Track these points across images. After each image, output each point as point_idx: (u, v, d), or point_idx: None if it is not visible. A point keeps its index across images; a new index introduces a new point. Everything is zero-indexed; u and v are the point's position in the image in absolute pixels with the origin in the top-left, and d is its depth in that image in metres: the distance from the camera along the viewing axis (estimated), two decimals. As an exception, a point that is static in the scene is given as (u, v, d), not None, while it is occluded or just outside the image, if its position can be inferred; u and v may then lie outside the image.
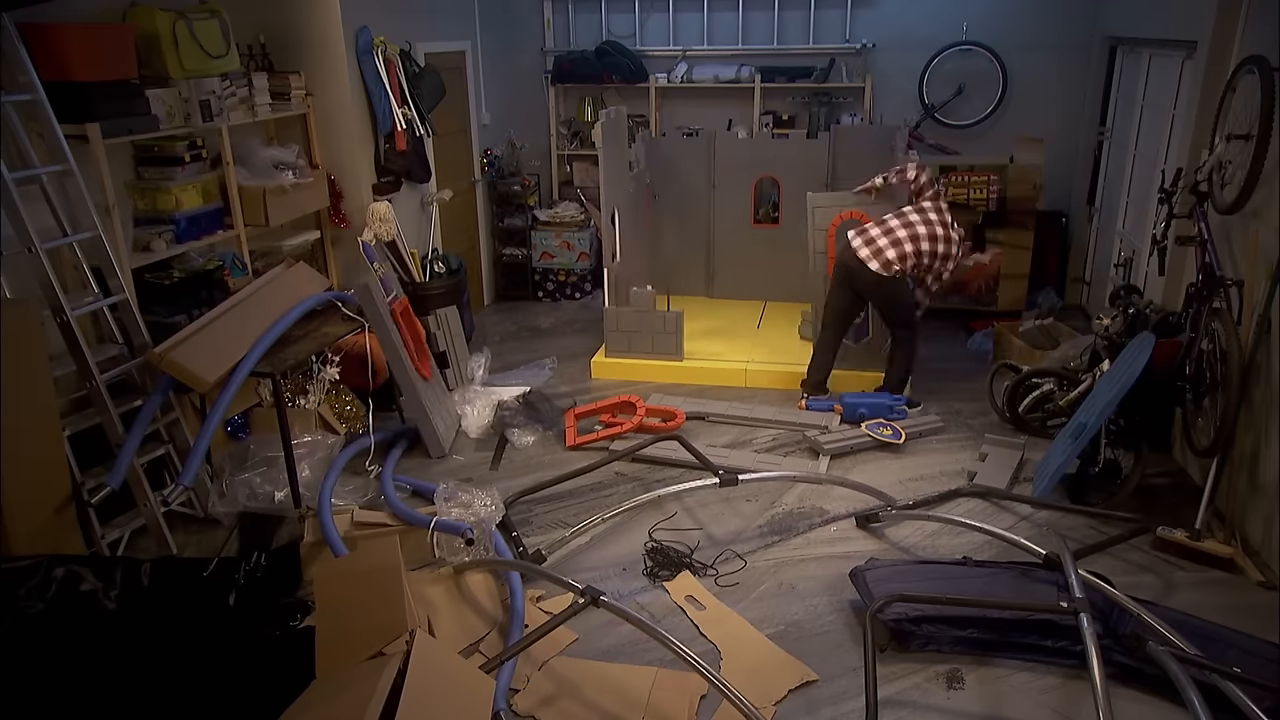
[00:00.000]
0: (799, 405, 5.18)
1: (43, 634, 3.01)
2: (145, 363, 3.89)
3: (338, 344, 4.74)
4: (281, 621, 3.30)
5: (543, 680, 3.11)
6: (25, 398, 3.32)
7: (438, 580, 3.60)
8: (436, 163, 6.26)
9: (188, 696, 2.89)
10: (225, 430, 4.57)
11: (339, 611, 2.79)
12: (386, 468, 4.38)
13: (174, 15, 4.12)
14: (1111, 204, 6.35)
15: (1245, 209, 3.78)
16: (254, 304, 4.33)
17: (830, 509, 4.22)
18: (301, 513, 3.96)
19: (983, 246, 6.30)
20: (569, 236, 7.25)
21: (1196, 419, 4.07)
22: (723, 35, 7.46)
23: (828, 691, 3.07)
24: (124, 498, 3.73)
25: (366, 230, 5.40)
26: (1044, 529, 3.99)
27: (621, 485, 4.47)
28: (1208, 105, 4.30)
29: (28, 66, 3.49)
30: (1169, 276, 4.65)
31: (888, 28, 7.06)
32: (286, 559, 3.60)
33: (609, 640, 3.32)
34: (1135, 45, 6.02)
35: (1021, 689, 3.07)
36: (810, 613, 3.49)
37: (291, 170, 4.96)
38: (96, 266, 3.80)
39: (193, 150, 4.36)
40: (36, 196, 3.61)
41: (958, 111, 7.11)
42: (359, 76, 5.40)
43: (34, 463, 3.37)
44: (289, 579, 3.55)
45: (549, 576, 3.39)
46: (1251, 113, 3.68)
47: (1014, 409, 4.96)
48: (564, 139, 7.84)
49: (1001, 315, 6.41)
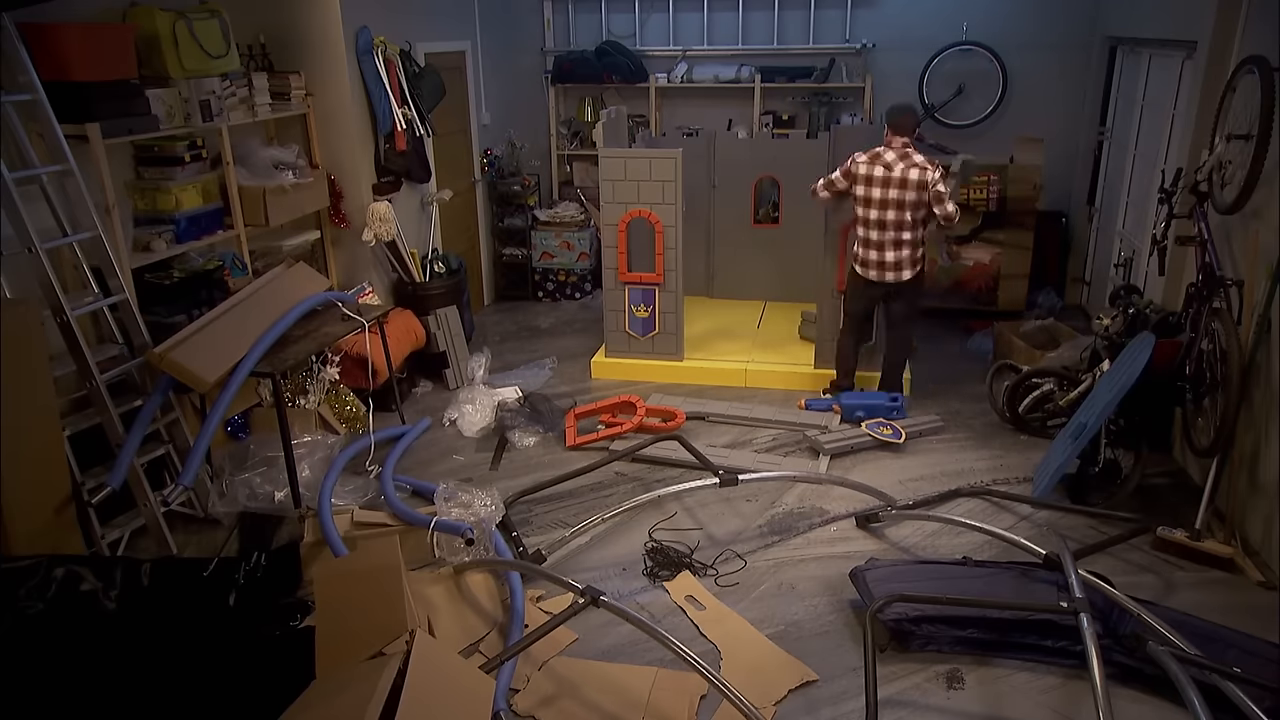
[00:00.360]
0: (798, 405, 5.18)
1: (43, 634, 3.01)
2: (145, 363, 3.89)
3: (338, 344, 4.75)
4: (281, 621, 3.30)
5: (543, 680, 3.11)
6: (25, 398, 3.32)
7: (438, 580, 3.60)
8: (436, 163, 6.26)
9: (188, 696, 2.89)
10: (225, 430, 4.57)
11: (339, 611, 2.79)
12: (386, 468, 4.38)
13: (174, 15, 4.12)
14: (1111, 204, 6.35)
15: (1245, 209, 3.78)
16: (254, 304, 4.33)
17: (830, 509, 4.22)
18: (301, 513, 3.96)
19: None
20: (569, 236, 7.25)
21: (1196, 419, 4.07)
22: (723, 35, 7.46)
23: (828, 691, 3.07)
24: (124, 498, 3.73)
25: (366, 230, 5.41)
26: (1044, 529, 3.99)
27: (621, 485, 4.46)
28: (1208, 105, 4.30)
29: (28, 66, 3.49)
30: (1169, 276, 4.65)
31: (888, 28, 7.06)
32: (286, 559, 3.60)
33: (609, 640, 3.32)
34: (1135, 45, 6.02)
35: (1021, 689, 3.07)
36: (810, 613, 3.49)
37: (291, 170, 4.96)
38: (96, 266, 3.80)
39: (193, 150, 4.36)
40: (36, 196, 3.61)
41: (958, 111, 7.11)
42: (359, 76, 5.40)
43: (34, 463, 3.37)
44: (289, 579, 3.55)
45: (549, 576, 3.39)
46: (1251, 113, 3.68)
47: (1014, 409, 4.96)
48: (564, 139, 7.85)
49: (1001, 315, 6.41)
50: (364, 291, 5.52)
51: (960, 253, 6.57)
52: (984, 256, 6.55)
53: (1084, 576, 3.22)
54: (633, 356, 5.75)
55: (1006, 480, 4.44)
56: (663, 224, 5.39)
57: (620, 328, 5.75)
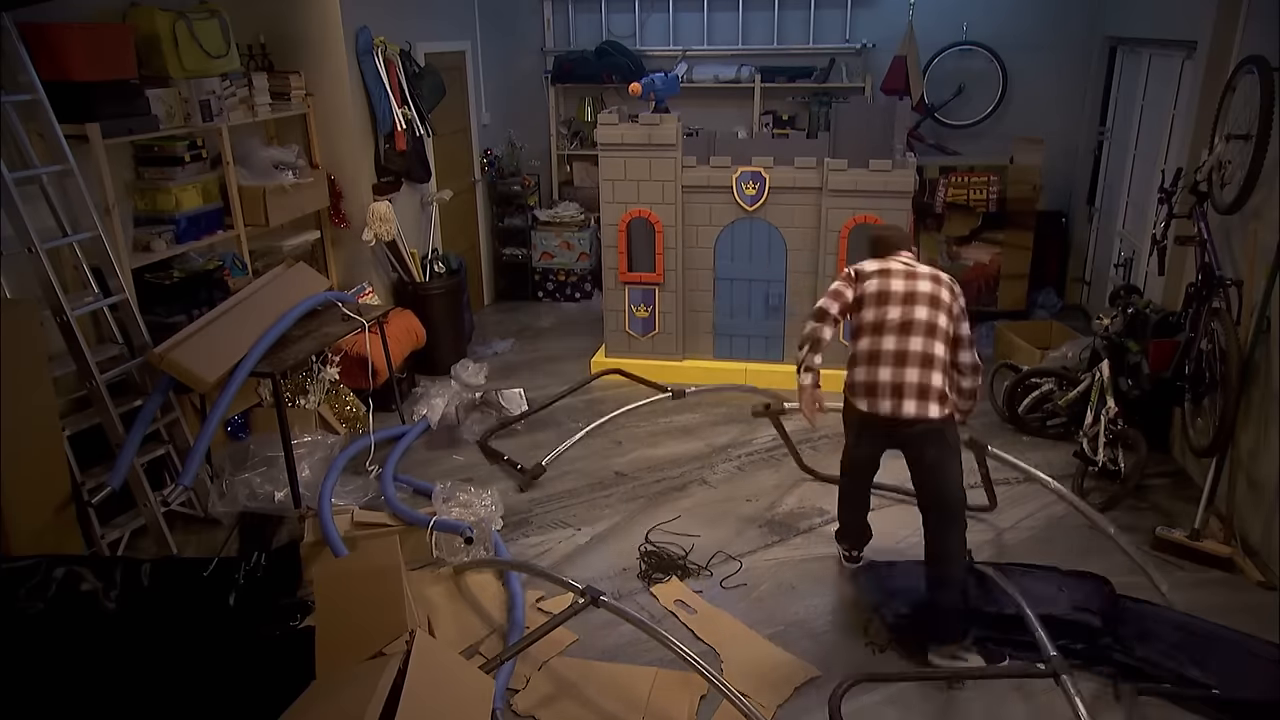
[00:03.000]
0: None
1: (43, 634, 3.01)
2: (145, 363, 3.89)
3: (338, 344, 4.75)
4: (281, 621, 3.30)
5: (542, 680, 3.11)
6: (25, 398, 3.32)
7: (438, 580, 3.60)
8: (436, 163, 6.27)
9: (188, 697, 2.89)
10: (225, 430, 4.57)
11: (339, 611, 2.79)
12: (387, 468, 4.38)
13: (174, 15, 4.12)
14: (1111, 204, 6.35)
15: (1245, 209, 3.78)
16: (254, 304, 4.33)
17: (830, 509, 4.21)
18: (302, 513, 3.96)
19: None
20: (569, 236, 7.25)
21: (1196, 419, 4.07)
22: (723, 35, 7.46)
23: (828, 691, 3.06)
24: (124, 498, 3.73)
25: (366, 230, 5.41)
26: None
27: (620, 486, 4.47)
28: (1207, 105, 4.30)
29: (28, 66, 3.48)
30: (1169, 276, 4.65)
31: (888, 28, 7.05)
32: (286, 559, 3.60)
33: (609, 640, 3.32)
34: (1135, 45, 6.02)
35: (1022, 689, 3.07)
36: (810, 613, 3.49)
37: (291, 170, 4.96)
38: (96, 266, 3.80)
39: (193, 150, 4.36)
40: (36, 196, 3.61)
41: (958, 111, 7.11)
42: (359, 76, 5.40)
43: (34, 463, 3.37)
44: (289, 579, 3.55)
45: (549, 576, 3.39)
46: (1251, 113, 3.69)
47: (1014, 409, 4.96)
48: (564, 139, 7.85)
49: (1001, 315, 6.41)
50: (364, 291, 5.52)
51: (960, 253, 6.57)
52: (984, 257, 6.55)
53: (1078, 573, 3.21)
54: (633, 356, 5.75)
55: (1007, 481, 4.43)
56: (663, 224, 5.39)
57: (620, 328, 5.75)
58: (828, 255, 5.42)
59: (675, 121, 5.31)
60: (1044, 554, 3.77)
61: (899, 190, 5.17)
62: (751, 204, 5.39)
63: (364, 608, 2.79)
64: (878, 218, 5.20)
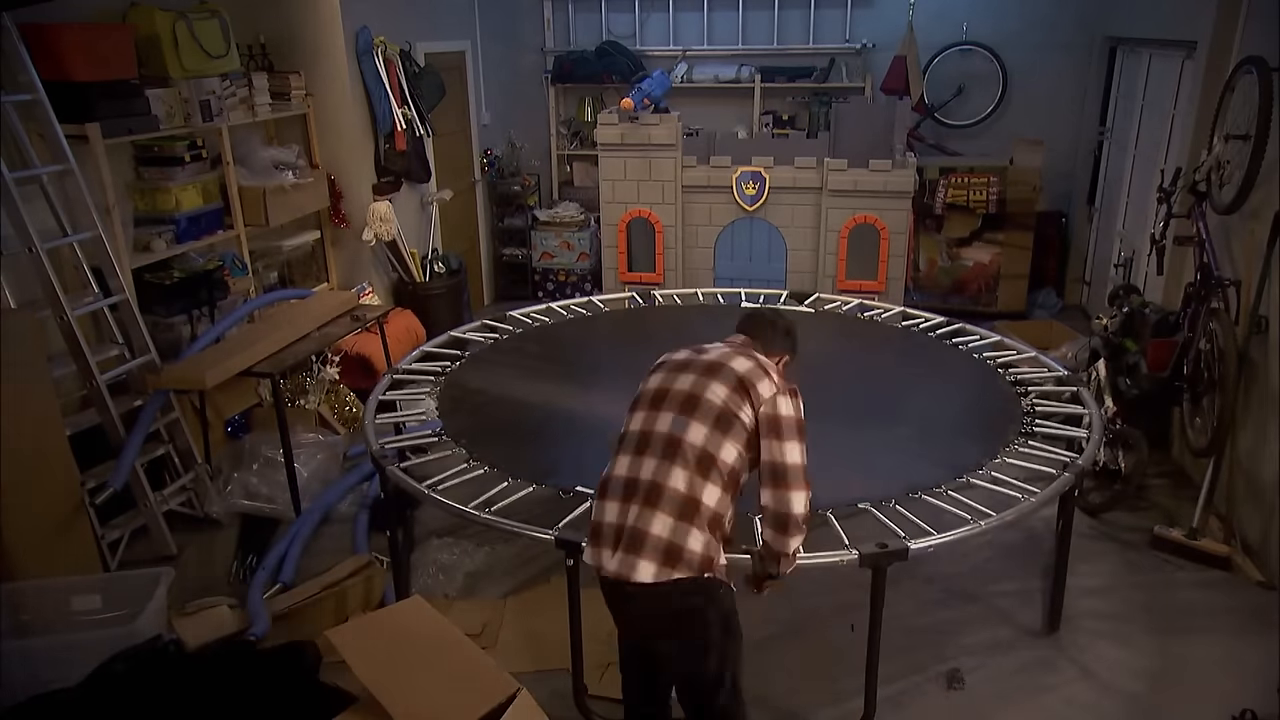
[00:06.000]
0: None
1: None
2: (145, 363, 3.89)
3: (338, 344, 4.75)
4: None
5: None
6: (26, 408, 3.29)
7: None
8: (436, 163, 6.27)
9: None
10: (225, 430, 4.58)
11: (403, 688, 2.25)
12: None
13: (174, 15, 4.13)
14: (1111, 204, 6.35)
15: (1243, 209, 3.78)
16: (269, 322, 4.34)
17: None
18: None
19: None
20: (569, 236, 7.25)
21: (1194, 419, 4.07)
22: (723, 35, 7.46)
23: (828, 691, 3.07)
24: (124, 498, 3.72)
25: (367, 230, 5.41)
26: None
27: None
28: (1207, 105, 4.30)
29: (28, 66, 3.49)
30: (1168, 276, 4.65)
31: (888, 28, 7.05)
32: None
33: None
34: (1135, 45, 6.02)
35: (1022, 689, 3.08)
36: (810, 612, 3.49)
37: (291, 170, 4.97)
38: (96, 266, 3.80)
39: (193, 150, 4.37)
40: (36, 196, 3.61)
41: (958, 111, 7.11)
42: (359, 76, 5.40)
43: (36, 469, 3.34)
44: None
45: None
46: (1250, 113, 3.69)
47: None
48: (564, 139, 7.85)
49: (1001, 315, 6.41)
50: (364, 291, 5.52)
51: (960, 253, 6.57)
52: (984, 257, 6.54)
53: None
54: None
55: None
56: (663, 224, 5.39)
57: (620, 328, 5.74)
58: (828, 255, 5.42)
59: (675, 121, 5.32)
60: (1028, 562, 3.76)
61: (899, 190, 5.17)
62: (751, 204, 5.39)
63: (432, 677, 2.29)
64: (877, 218, 5.22)
